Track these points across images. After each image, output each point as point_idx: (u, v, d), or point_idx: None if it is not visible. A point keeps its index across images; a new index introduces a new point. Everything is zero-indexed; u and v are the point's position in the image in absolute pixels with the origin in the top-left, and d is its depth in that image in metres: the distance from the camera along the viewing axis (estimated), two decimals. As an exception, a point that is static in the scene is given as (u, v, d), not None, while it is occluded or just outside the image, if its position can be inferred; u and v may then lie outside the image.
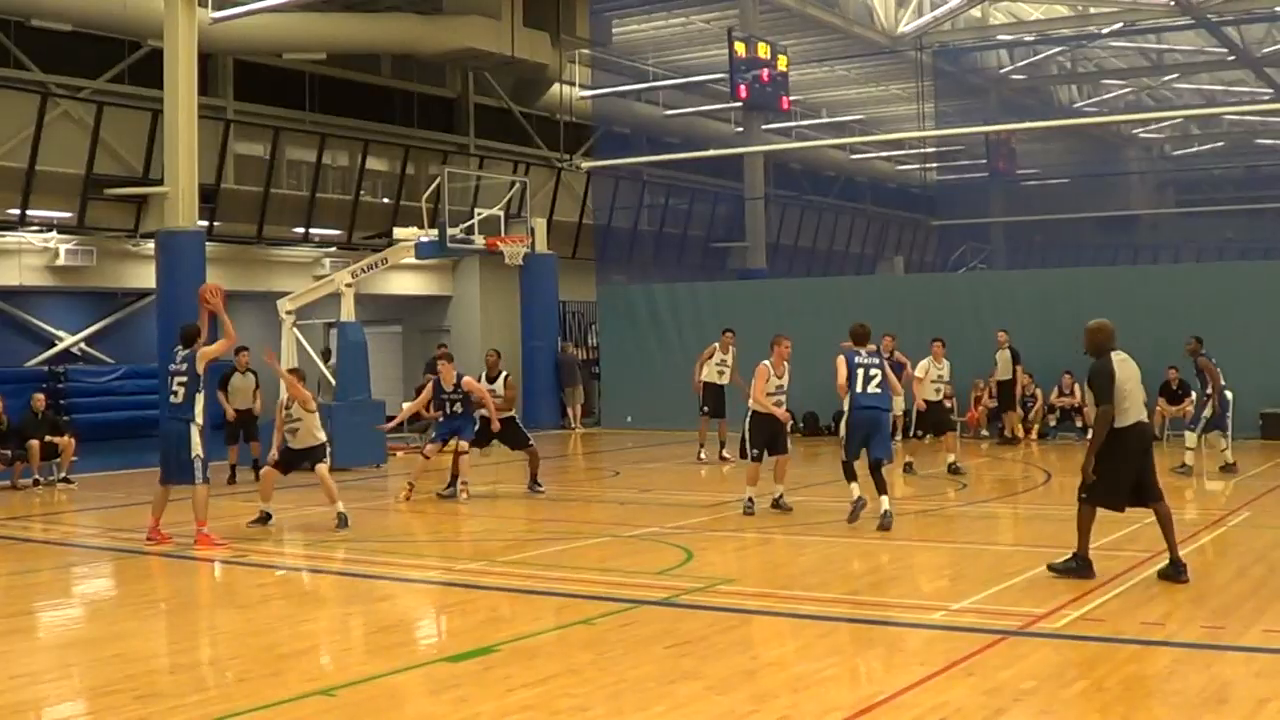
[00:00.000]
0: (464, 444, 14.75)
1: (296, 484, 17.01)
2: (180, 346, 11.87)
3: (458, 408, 14.85)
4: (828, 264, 40.05)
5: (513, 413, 15.60)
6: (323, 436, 13.25)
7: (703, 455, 18.62)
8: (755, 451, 13.00)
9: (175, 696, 6.60)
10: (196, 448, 11.51)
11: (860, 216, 44.30)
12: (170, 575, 10.74)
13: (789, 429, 13.31)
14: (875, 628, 8.03)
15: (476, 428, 15.02)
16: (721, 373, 18.53)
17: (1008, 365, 20.76)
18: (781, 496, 13.05)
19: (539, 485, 15.10)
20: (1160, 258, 44.79)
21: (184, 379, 11.56)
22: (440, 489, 15.02)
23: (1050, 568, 9.33)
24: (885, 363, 12.51)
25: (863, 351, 12.21)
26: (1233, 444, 20.02)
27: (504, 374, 15.73)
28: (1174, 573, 9.04)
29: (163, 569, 10.97)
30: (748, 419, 13.18)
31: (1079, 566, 9.23)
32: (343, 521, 12.65)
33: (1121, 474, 9.21)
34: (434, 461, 15.50)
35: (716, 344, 18.76)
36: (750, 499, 12.92)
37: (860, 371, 12.04)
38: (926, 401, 16.99)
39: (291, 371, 14.23)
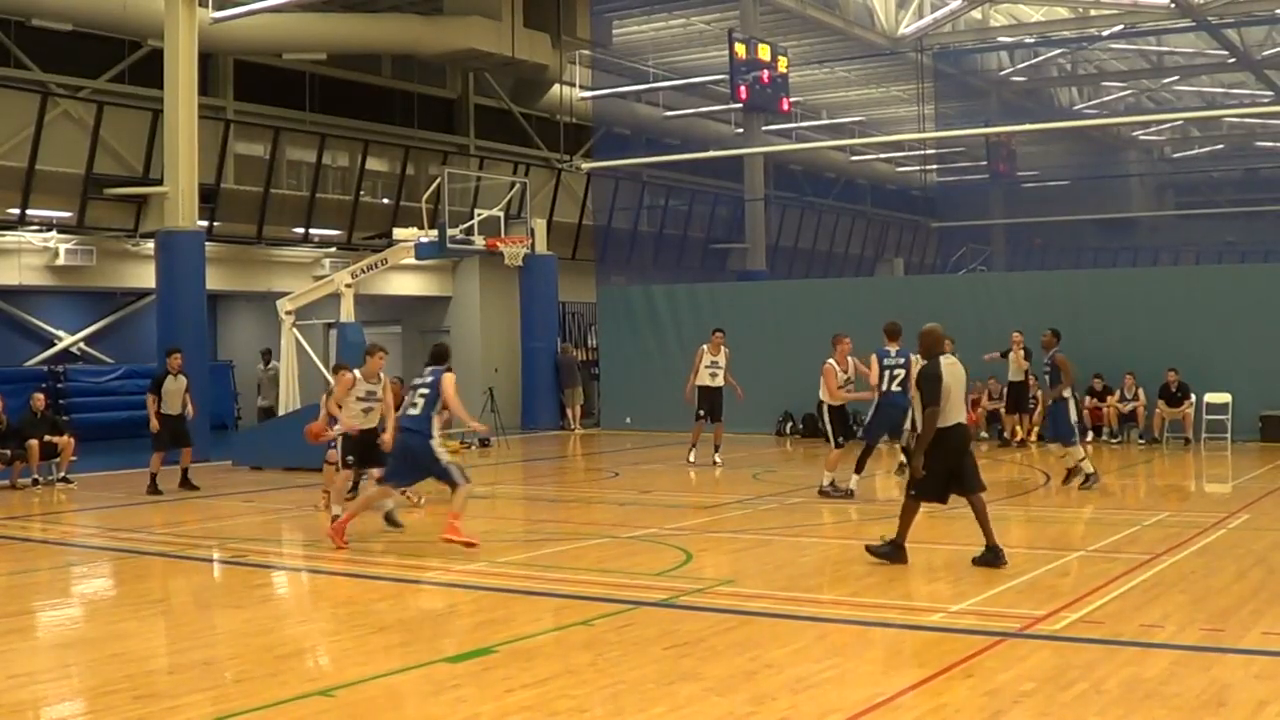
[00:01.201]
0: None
1: (297, 484, 17.03)
2: (429, 363, 11.53)
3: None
4: (827, 266, 40.06)
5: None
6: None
7: (692, 457, 18.29)
8: (840, 439, 14.26)
9: (174, 696, 6.60)
10: (444, 456, 11.25)
11: (860, 218, 44.31)
12: (170, 575, 10.74)
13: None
14: (874, 629, 8.03)
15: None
16: (714, 375, 18.03)
17: (1020, 367, 20.54)
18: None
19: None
20: (1160, 260, 44.83)
21: (425, 392, 11.21)
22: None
23: (869, 549, 10.12)
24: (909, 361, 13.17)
25: (891, 350, 13.41)
26: (1233, 446, 20.11)
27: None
28: (992, 558, 9.71)
29: (162, 569, 10.97)
30: (826, 411, 14.45)
31: (893, 552, 9.99)
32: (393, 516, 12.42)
33: (945, 469, 9.93)
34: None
35: (705, 346, 18.44)
36: (832, 482, 14.11)
37: (885, 372, 13.36)
38: None
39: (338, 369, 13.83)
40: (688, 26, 35.06)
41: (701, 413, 18.19)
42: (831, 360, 14.33)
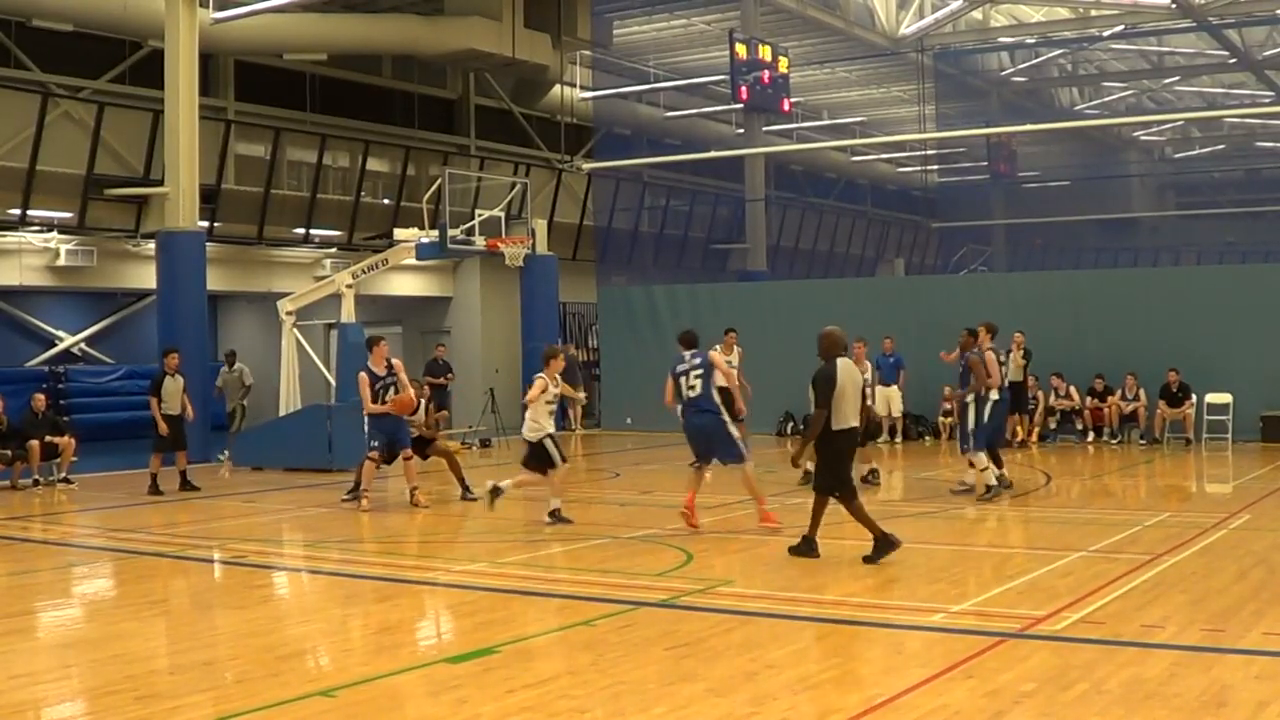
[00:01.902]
0: (408, 450, 14.32)
1: (296, 484, 17.04)
2: (683, 350, 12.29)
3: (393, 393, 14.19)
4: (828, 266, 40.05)
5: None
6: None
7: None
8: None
9: (175, 697, 6.60)
10: (735, 431, 12.07)
11: (861, 218, 44.31)
12: (170, 576, 10.74)
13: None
14: (875, 630, 8.03)
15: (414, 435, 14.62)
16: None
17: (1020, 367, 20.49)
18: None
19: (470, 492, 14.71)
20: (1161, 260, 44.84)
21: (700, 372, 12.04)
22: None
23: (791, 550, 10.45)
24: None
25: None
26: (1234, 446, 20.10)
27: (424, 402, 15.27)
28: (806, 549, 10.37)
29: (163, 570, 10.97)
30: None
31: (807, 548, 10.40)
32: (492, 492, 12.77)
33: (843, 467, 10.40)
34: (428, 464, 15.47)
35: (719, 346, 18.24)
36: (876, 470, 15.08)
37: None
38: None
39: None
40: (688, 27, 35.06)
41: None
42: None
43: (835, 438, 10.23)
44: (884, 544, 10.12)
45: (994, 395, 14.00)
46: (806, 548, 10.40)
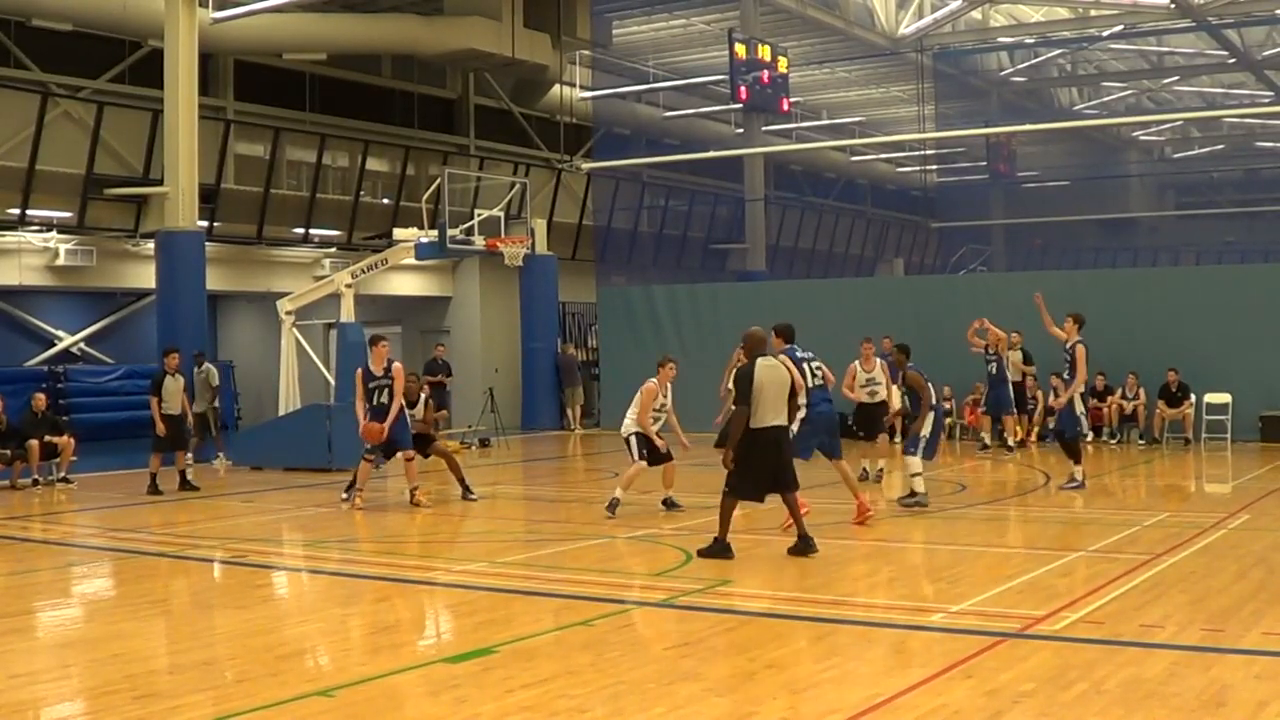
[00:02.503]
0: (409, 451, 14.25)
1: (296, 484, 17.04)
2: (789, 341, 12.23)
3: (384, 396, 14.13)
4: (828, 266, 40.07)
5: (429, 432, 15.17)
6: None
7: None
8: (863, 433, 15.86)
9: (174, 697, 6.60)
10: None
11: (860, 218, 44.33)
12: (170, 575, 10.74)
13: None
14: (875, 629, 8.03)
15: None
16: None
17: (1018, 367, 20.46)
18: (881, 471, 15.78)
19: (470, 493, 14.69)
20: (1160, 260, 44.86)
21: (819, 364, 12.41)
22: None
23: (699, 553, 10.29)
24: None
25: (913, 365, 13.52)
26: (1233, 446, 20.09)
27: (424, 397, 15.30)
28: (804, 547, 10.23)
29: (162, 569, 10.97)
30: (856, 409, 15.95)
31: (720, 549, 10.22)
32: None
33: (755, 469, 10.12)
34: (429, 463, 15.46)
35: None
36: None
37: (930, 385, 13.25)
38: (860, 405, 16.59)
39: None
40: (688, 27, 35.08)
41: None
42: (855, 363, 15.95)
43: (754, 437, 10.05)
44: (719, 548, 10.16)
45: (1080, 389, 14.81)
46: (720, 549, 10.22)
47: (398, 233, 21.91)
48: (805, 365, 12.14)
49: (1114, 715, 6.00)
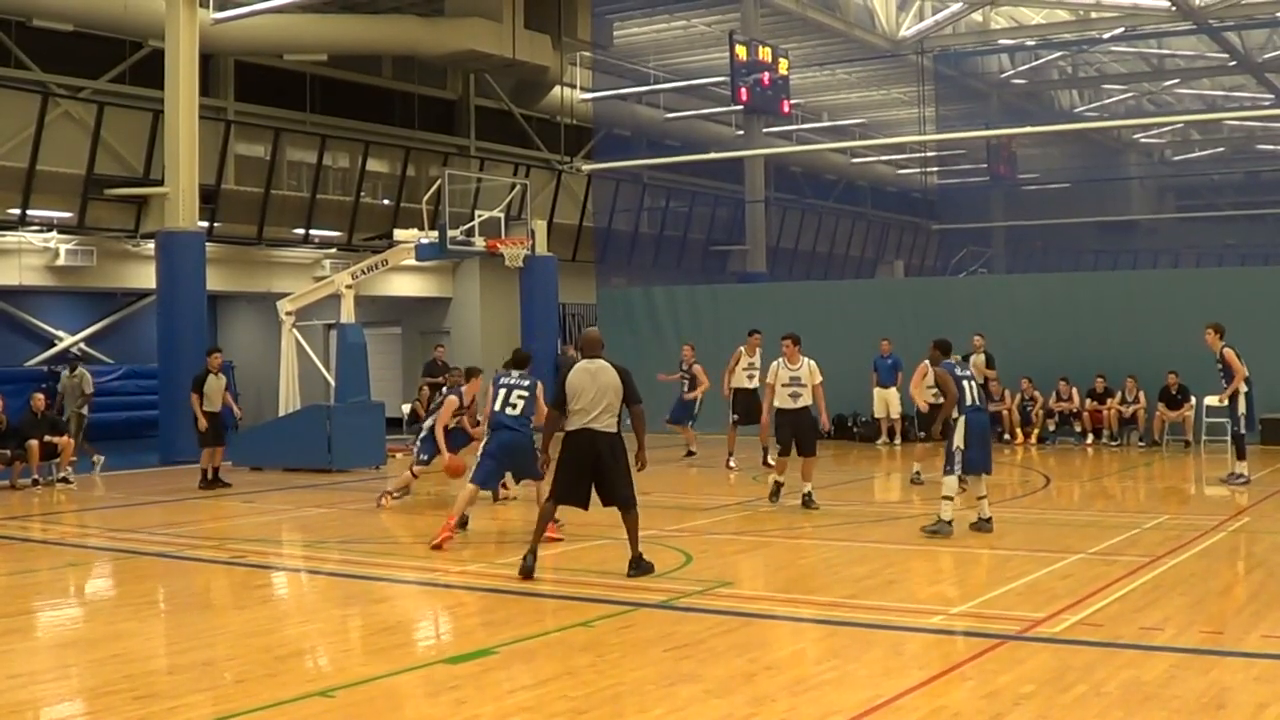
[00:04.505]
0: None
1: (296, 485, 17.03)
2: (513, 369, 11.92)
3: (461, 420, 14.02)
4: (828, 268, 40.08)
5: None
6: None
7: (732, 463, 17.59)
8: (923, 434, 15.56)
9: (174, 697, 6.60)
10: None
11: (860, 220, 44.33)
12: (169, 576, 10.73)
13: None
14: (874, 631, 8.03)
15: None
16: (751, 376, 17.49)
17: (980, 370, 20.34)
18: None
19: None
20: (1160, 262, 44.83)
21: (524, 394, 11.57)
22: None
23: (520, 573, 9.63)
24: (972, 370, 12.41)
25: (955, 363, 12.05)
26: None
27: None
28: (637, 569, 9.64)
29: (162, 569, 10.96)
30: (918, 412, 15.35)
31: (525, 561, 9.64)
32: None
33: (571, 473, 9.60)
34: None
35: (743, 348, 17.83)
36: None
37: (965, 383, 11.80)
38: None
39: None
40: (689, 28, 35.09)
41: (736, 416, 17.70)
42: (926, 361, 14.83)
43: (568, 440, 9.63)
44: (530, 562, 9.63)
45: (1243, 388, 15.65)
46: (524, 564, 9.66)
47: (398, 234, 21.91)
48: (503, 390, 11.63)
49: (1113, 717, 6.00)
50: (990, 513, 11.74)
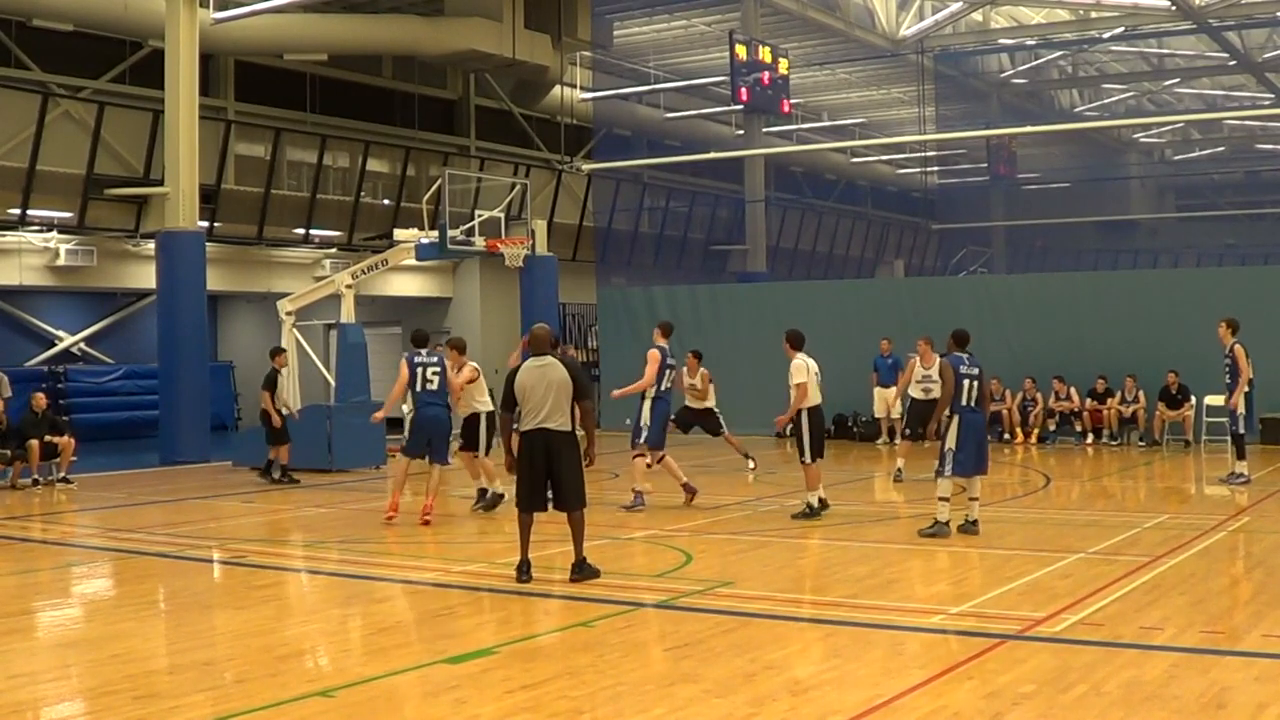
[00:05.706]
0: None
1: (296, 485, 17.02)
2: (420, 349, 13.19)
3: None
4: (828, 267, 40.07)
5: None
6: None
7: (751, 465, 16.96)
8: (908, 431, 16.04)
9: (174, 697, 6.60)
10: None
11: (861, 220, 44.32)
12: (169, 575, 10.73)
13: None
14: (875, 631, 8.03)
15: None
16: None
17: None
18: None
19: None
20: (1160, 262, 44.84)
21: (437, 370, 12.94)
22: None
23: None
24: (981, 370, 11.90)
25: (965, 358, 11.75)
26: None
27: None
28: (579, 573, 9.46)
29: (162, 569, 10.96)
30: (909, 406, 16.24)
31: (519, 573, 9.53)
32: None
33: (528, 481, 9.45)
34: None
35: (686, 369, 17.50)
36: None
37: (965, 382, 11.55)
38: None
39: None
40: (689, 28, 35.08)
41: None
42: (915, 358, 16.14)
43: (521, 441, 9.45)
44: (525, 570, 9.51)
45: (1245, 388, 15.53)
46: (519, 573, 9.53)
47: (398, 233, 21.90)
48: (419, 369, 12.56)
49: (1114, 717, 6.00)
50: (979, 515, 11.70)
